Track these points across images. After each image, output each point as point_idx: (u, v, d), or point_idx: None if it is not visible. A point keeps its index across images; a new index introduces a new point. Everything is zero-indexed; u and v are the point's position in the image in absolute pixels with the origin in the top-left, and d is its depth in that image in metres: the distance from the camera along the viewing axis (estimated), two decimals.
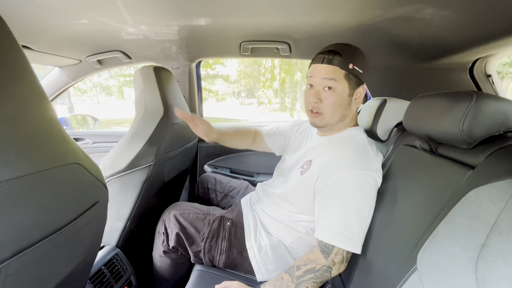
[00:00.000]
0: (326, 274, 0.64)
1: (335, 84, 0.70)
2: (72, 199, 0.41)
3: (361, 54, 0.73)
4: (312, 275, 0.63)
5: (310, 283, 0.63)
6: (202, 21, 0.88)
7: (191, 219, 0.87)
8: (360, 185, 0.64)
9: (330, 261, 0.63)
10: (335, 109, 0.72)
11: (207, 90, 11.45)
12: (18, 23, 0.82)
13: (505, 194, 0.35)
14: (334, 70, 0.69)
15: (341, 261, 0.64)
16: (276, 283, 0.65)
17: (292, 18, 0.85)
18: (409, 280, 0.44)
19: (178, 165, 1.14)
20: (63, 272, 0.43)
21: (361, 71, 0.71)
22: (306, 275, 0.63)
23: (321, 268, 0.63)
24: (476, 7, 0.61)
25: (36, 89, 0.36)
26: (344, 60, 0.69)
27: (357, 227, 0.63)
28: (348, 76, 0.70)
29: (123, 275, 0.90)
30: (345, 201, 0.64)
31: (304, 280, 0.63)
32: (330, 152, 0.73)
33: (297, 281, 0.63)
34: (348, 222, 0.63)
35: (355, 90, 0.72)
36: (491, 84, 1.01)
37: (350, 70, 0.69)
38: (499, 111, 0.46)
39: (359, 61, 0.71)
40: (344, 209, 0.63)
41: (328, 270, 0.64)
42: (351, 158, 0.68)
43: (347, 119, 0.76)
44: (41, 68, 3.49)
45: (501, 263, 0.31)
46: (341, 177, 0.65)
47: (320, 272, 0.63)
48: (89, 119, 1.99)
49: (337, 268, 0.64)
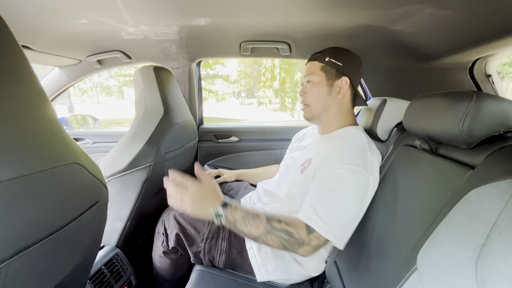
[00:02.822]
0: (295, 247, 0.61)
1: (312, 77, 0.80)
2: (72, 199, 0.41)
3: (342, 51, 0.81)
4: (285, 237, 0.61)
5: (277, 241, 0.61)
6: (202, 21, 0.88)
7: (190, 219, 0.87)
8: (350, 180, 0.64)
9: (308, 239, 0.61)
10: (315, 98, 0.81)
11: (207, 90, 11.44)
12: (18, 23, 0.82)
13: (505, 194, 0.34)
14: (312, 65, 0.81)
15: (315, 247, 0.62)
16: (250, 217, 0.62)
17: (292, 18, 0.85)
18: (409, 280, 0.44)
19: (178, 165, 1.14)
20: (63, 272, 0.43)
21: (339, 64, 0.78)
22: (280, 232, 0.61)
23: (297, 239, 0.61)
24: (476, 7, 0.61)
25: (36, 89, 0.36)
26: (322, 55, 0.80)
27: (338, 217, 0.62)
28: (325, 68, 0.79)
29: (123, 275, 0.90)
30: (331, 190, 0.64)
31: (275, 234, 0.61)
32: (327, 148, 0.74)
33: (269, 230, 0.61)
34: (330, 208, 0.62)
35: (334, 81, 0.79)
36: (491, 84, 1.01)
37: (326, 62, 0.79)
38: (499, 111, 0.46)
39: (337, 55, 0.79)
40: (328, 196, 0.63)
41: (300, 244, 0.61)
42: (347, 154, 0.69)
43: (332, 110, 0.80)
44: (41, 68, 3.49)
45: (501, 263, 0.31)
46: (333, 169, 0.66)
47: (293, 241, 0.61)
48: (89, 119, 1.99)
49: (307, 250, 0.62)
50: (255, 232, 0.61)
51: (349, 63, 0.79)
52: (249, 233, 0.62)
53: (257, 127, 1.61)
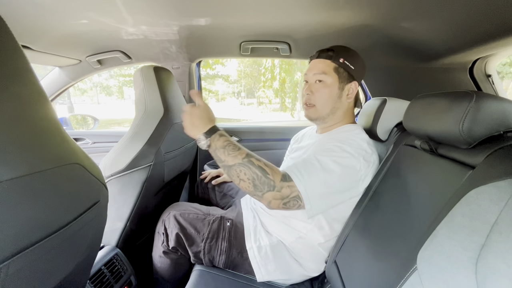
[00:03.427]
0: (264, 188, 0.60)
1: (325, 77, 0.76)
2: (72, 199, 0.41)
3: (354, 53, 0.79)
4: (258, 173, 0.60)
5: (248, 175, 0.60)
6: (202, 21, 0.88)
7: (190, 219, 0.87)
8: (342, 156, 0.65)
9: (280, 185, 0.60)
10: (325, 100, 0.77)
11: (207, 90, 11.45)
12: (18, 23, 0.82)
13: (505, 194, 0.34)
14: (324, 64, 0.77)
15: (283, 197, 0.60)
16: (231, 147, 0.63)
17: (292, 18, 0.85)
18: (409, 280, 0.44)
19: (178, 165, 1.14)
20: (63, 272, 0.43)
21: (352, 67, 0.76)
22: (255, 168, 0.60)
23: (269, 180, 0.60)
24: (476, 7, 0.61)
25: (36, 89, 0.36)
26: (335, 55, 0.76)
27: (318, 181, 0.62)
28: (338, 70, 0.76)
29: (123, 275, 0.89)
30: (319, 159, 0.65)
31: (250, 168, 0.60)
32: (325, 141, 0.75)
33: (245, 162, 0.61)
34: (312, 169, 0.63)
35: (345, 84, 0.77)
36: (491, 84, 1.01)
37: (340, 63, 0.76)
38: (499, 111, 0.46)
39: (351, 58, 0.76)
40: (314, 162, 0.64)
41: (270, 187, 0.60)
42: (345, 139, 0.70)
43: (339, 113, 0.80)
44: (41, 68, 3.49)
45: (501, 263, 0.31)
46: (328, 145, 0.69)
47: (264, 180, 0.60)
48: (89, 119, 1.99)
49: (274, 197, 0.60)
50: (230, 161, 0.62)
51: (360, 67, 0.78)
52: (225, 161, 0.63)
53: (257, 127, 1.61)
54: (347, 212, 0.76)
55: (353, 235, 0.71)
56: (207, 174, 1.26)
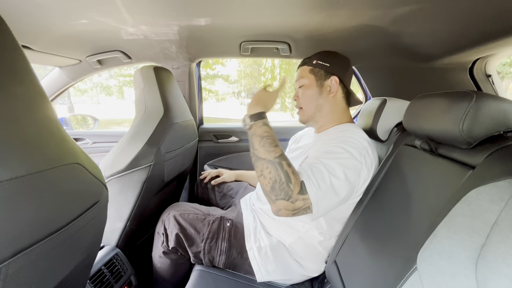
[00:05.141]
0: (281, 195, 0.59)
1: (303, 81, 0.84)
2: (72, 199, 0.41)
3: (328, 53, 0.85)
4: (283, 179, 0.59)
5: (272, 176, 0.60)
6: (202, 21, 0.88)
7: (190, 219, 0.87)
8: (345, 158, 0.66)
9: (295, 198, 0.59)
10: (307, 100, 0.83)
11: (207, 90, 11.42)
12: (18, 23, 0.82)
13: (505, 194, 0.34)
14: (301, 70, 0.86)
15: (297, 208, 0.60)
16: (270, 140, 0.64)
17: (292, 18, 0.85)
18: (409, 280, 0.44)
19: (178, 165, 1.14)
20: (63, 272, 0.43)
21: (327, 65, 0.82)
22: (282, 173, 0.60)
23: (289, 189, 0.59)
24: (476, 7, 0.61)
25: (36, 89, 0.36)
26: (309, 59, 0.85)
27: (328, 189, 0.61)
28: (313, 70, 0.83)
29: (123, 275, 0.89)
30: (319, 156, 0.67)
31: (277, 169, 0.60)
32: (325, 142, 0.75)
33: (275, 162, 0.61)
34: (316, 170, 0.63)
35: (324, 81, 0.82)
36: (491, 84, 1.01)
37: (314, 64, 0.83)
38: (499, 111, 0.46)
39: (324, 57, 0.83)
40: (323, 169, 0.64)
41: (287, 197, 0.59)
42: (345, 139, 0.70)
43: (325, 109, 0.82)
44: (41, 68, 3.49)
45: (501, 263, 0.31)
46: (330, 146, 0.69)
47: (284, 187, 0.59)
48: (89, 119, 1.99)
49: (287, 206, 0.60)
50: (262, 154, 0.63)
51: (336, 63, 0.82)
52: (257, 150, 0.64)
53: None
54: (347, 212, 0.76)
55: (353, 235, 0.71)
56: (207, 174, 1.26)
